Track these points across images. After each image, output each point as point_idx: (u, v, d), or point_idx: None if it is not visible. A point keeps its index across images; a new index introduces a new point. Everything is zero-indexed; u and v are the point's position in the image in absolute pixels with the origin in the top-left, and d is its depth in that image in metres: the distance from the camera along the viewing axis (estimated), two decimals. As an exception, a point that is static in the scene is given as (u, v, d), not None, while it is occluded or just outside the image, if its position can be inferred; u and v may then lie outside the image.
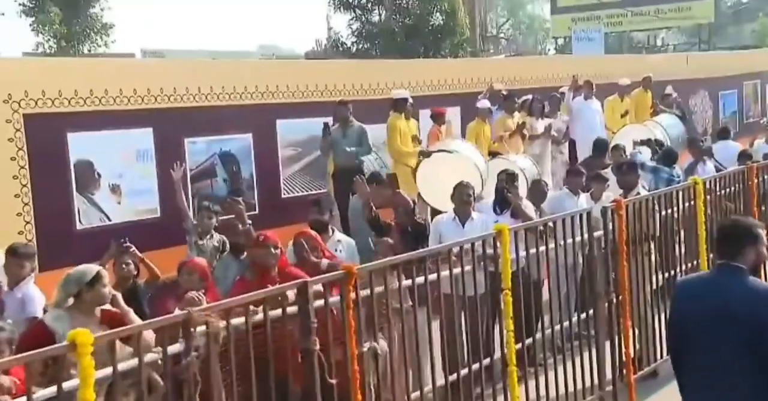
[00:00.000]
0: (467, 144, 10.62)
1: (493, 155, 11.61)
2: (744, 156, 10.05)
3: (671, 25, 38.20)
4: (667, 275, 7.57)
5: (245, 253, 6.31)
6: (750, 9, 47.54)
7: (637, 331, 6.88)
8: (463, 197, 7.17)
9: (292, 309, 4.29)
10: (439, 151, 10.24)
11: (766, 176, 8.44)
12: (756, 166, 8.17)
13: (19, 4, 27.71)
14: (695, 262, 7.52)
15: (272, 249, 5.60)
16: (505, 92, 12.27)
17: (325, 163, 10.95)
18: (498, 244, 5.43)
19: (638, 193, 7.57)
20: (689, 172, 9.76)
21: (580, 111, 12.82)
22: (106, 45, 29.72)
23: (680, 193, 7.24)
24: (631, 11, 35.02)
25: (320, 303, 4.52)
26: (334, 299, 4.57)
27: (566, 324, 6.58)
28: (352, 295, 4.43)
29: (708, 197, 7.42)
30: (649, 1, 34.77)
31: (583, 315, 6.72)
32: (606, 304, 6.43)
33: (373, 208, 6.80)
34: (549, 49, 46.53)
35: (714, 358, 3.78)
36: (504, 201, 7.41)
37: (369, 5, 22.78)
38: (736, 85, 20.85)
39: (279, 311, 4.38)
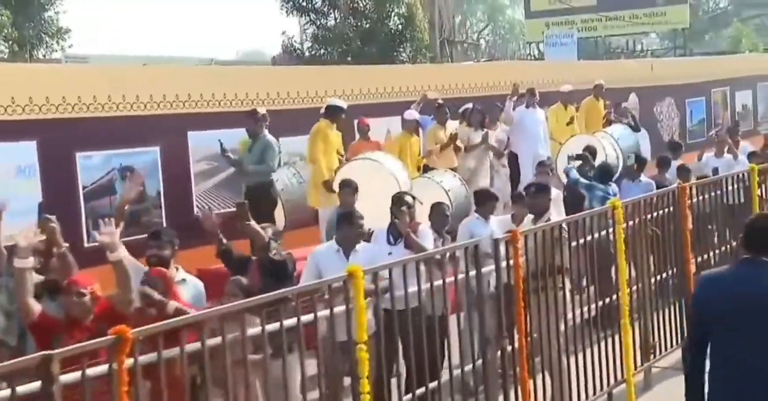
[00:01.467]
0: (388, 156, 9.69)
1: (425, 169, 10.77)
2: (683, 171, 9.14)
3: (646, 30, 37.50)
4: (601, 303, 6.88)
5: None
6: (727, 14, 46.98)
7: (548, 379, 6.03)
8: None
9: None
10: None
11: (704, 196, 7.53)
12: (688, 185, 7.26)
13: (-29, 7, 26.73)
14: (615, 297, 6.65)
15: (76, 298, 4.70)
16: (440, 102, 11.37)
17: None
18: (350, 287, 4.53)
19: (549, 218, 6.67)
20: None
21: (522, 121, 11.91)
22: (63, 50, 28.82)
23: (595, 219, 6.33)
24: (605, 16, 34.29)
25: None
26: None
27: (479, 362, 5.77)
28: (128, 363, 3.51)
29: (630, 222, 6.53)
30: (624, 5, 34.10)
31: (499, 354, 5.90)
32: (499, 351, 5.54)
33: (224, 241, 5.91)
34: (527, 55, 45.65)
35: (750, 346, 3.78)
36: (397, 229, 6.49)
37: (325, 9, 21.94)
38: (704, 93, 20.16)
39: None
